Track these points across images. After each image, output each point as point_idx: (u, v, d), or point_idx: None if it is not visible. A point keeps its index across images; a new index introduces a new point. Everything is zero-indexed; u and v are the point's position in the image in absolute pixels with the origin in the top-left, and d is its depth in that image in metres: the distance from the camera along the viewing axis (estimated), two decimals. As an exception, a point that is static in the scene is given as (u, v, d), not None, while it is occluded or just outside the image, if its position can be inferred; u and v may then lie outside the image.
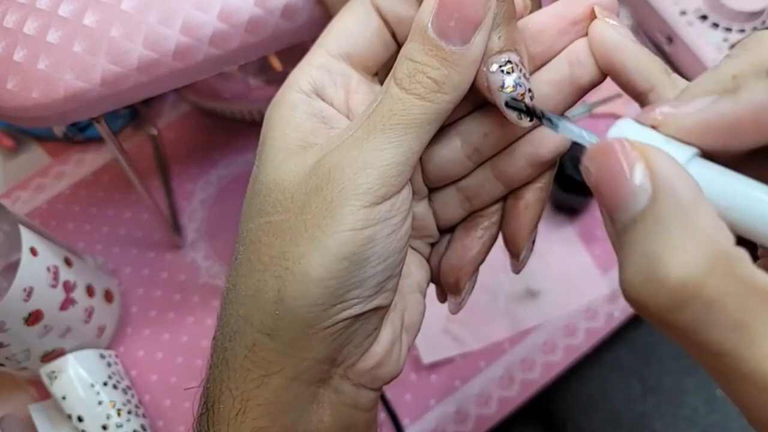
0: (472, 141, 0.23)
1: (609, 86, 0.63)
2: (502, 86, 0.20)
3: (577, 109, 0.59)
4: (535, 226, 0.24)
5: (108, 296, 0.50)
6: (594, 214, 0.54)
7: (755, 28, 0.57)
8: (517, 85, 0.20)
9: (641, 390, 0.55)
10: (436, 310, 0.51)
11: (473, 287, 0.26)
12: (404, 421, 0.48)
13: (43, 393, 0.49)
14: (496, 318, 0.51)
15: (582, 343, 0.50)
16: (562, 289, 0.52)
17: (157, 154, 0.59)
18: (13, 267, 0.40)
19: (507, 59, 0.20)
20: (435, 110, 0.20)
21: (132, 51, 0.33)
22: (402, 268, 0.23)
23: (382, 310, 0.23)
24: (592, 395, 0.56)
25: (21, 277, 0.40)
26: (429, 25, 0.20)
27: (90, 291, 0.47)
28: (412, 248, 0.27)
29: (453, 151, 0.24)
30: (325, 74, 0.23)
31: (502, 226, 0.26)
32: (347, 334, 0.22)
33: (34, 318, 0.41)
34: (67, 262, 0.45)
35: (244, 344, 0.22)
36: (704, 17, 0.58)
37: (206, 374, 0.24)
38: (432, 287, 0.28)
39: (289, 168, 0.22)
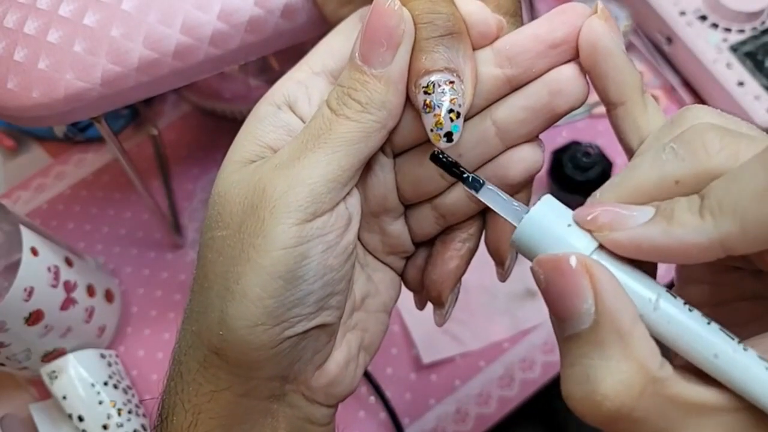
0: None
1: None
2: (425, 107, 0.21)
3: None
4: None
5: (108, 296, 0.50)
6: (593, 214, 0.54)
7: (754, 29, 0.57)
8: (435, 105, 0.21)
9: None
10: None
11: (456, 298, 0.27)
12: (404, 421, 0.48)
13: (43, 393, 0.49)
14: (496, 318, 0.51)
15: (581, 342, 0.50)
16: (561, 289, 0.52)
17: (158, 154, 0.59)
18: (13, 267, 0.40)
19: (431, 80, 0.21)
20: (361, 129, 0.21)
21: (132, 51, 0.33)
22: (348, 285, 0.23)
23: (328, 328, 0.23)
24: None
25: (22, 277, 0.40)
26: (356, 53, 0.21)
27: (90, 291, 0.47)
28: (385, 264, 0.27)
29: (427, 169, 0.24)
30: (302, 89, 0.23)
31: (485, 236, 0.26)
32: (295, 353, 0.22)
33: (34, 318, 0.42)
34: (68, 262, 0.45)
35: (196, 359, 0.23)
36: (703, 17, 0.58)
37: (163, 386, 0.25)
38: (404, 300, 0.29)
39: (234, 181, 0.22)
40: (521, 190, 0.24)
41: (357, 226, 0.23)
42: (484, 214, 0.25)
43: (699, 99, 0.59)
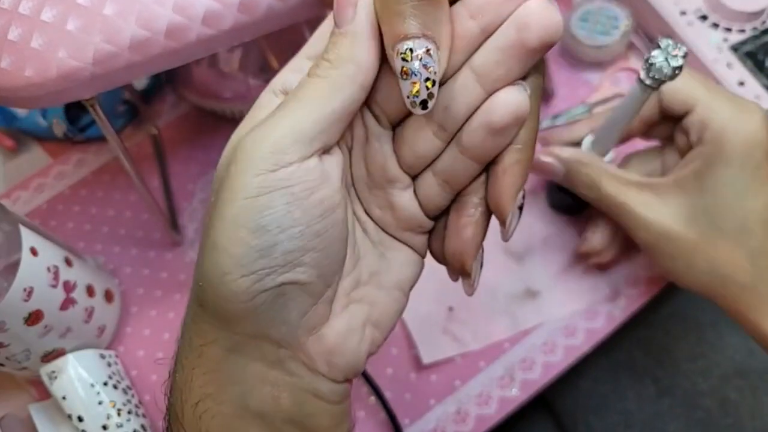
0: (435, 117, 0.24)
1: (609, 86, 0.63)
2: (402, 73, 0.21)
3: (577, 109, 0.59)
4: (518, 190, 0.24)
5: (108, 296, 0.50)
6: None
7: (755, 28, 0.57)
8: (413, 73, 0.21)
9: (655, 391, 0.55)
10: (435, 310, 0.52)
11: (482, 265, 0.27)
12: (404, 421, 0.48)
13: (43, 393, 0.49)
14: (496, 318, 0.51)
15: (582, 343, 0.50)
16: (561, 289, 0.52)
17: (158, 154, 0.59)
18: (13, 267, 0.40)
19: (408, 46, 0.21)
20: (329, 84, 0.22)
21: (124, 30, 0.33)
22: (329, 247, 0.23)
23: (307, 287, 0.23)
24: (605, 395, 0.56)
25: (21, 277, 0.40)
26: (334, 20, 0.23)
27: (90, 291, 0.47)
28: (401, 242, 0.27)
29: (420, 129, 0.24)
30: (297, 75, 0.24)
31: (488, 192, 0.25)
32: (273, 311, 0.23)
33: (34, 318, 0.41)
34: (68, 262, 0.45)
35: (190, 316, 0.24)
36: (704, 17, 0.58)
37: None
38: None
39: (228, 155, 0.24)
40: (520, 133, 0.24)
41: (336, 186, 0.23)
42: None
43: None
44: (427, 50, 0.21)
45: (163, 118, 0.61)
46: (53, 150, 0.60)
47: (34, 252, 0.41)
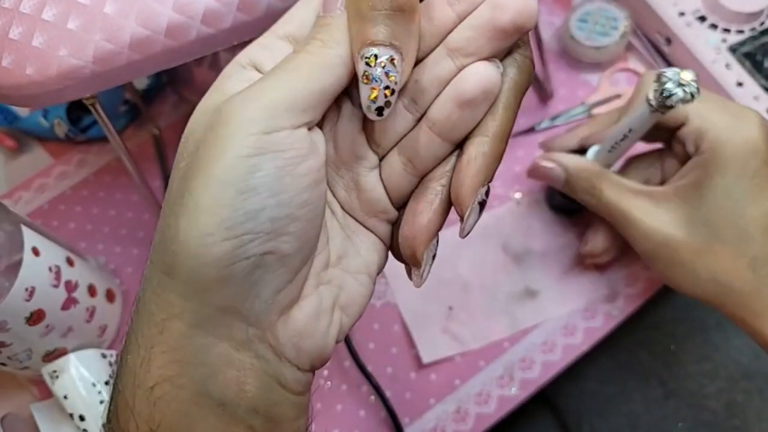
0: (406, 91, 0.24)
1: (608, 87, 0.63)
2: (363, 77, 0.22)
3: (576, 109, 0.59)
4: (481, 183, 0.24)
5: (110, 296, 0.50)
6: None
7: (753, 29, 0.57)
8: (374, 79, 0.22)
9: (661, 393, 0.55)
10: (435, 309, 0.52)
11: (434, 257, 0.26)
12: (404, 420, 0.48)
13: (44, 392, 0.49)
14: (496, 317, 0.51)
15: (581, 342, 0.50)
16: (561, 289, 0.52)
17: (159, 154, 0.59)
18: (15, 267, 0.40)
19: (373, 52, 0.21)
20: (321, 61, 0.22)
21: (125, 28, 0.33)
22: (313, 220, 0.23)
23: (286, 259, 0.22)
24: (610, 397, 0.56)
25: (23, 277, 0.40)
26: (319, 10, 0.23)
27: (92, 291, 0.47)
28: (367, 228, 0.27)
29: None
30: (266, 51, 0.24)
31: (451, 183, 0.25)
32: (249, 283, 0.22)
33: (35, 318, 0.42)
34: (69, 262, 0.45)
35: (150, 288, 0.23)
36: (703, 18, 0.58)
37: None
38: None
39: (199, 120, 0.23)
40: (488, 119, 0.24)
41: (322, 159, 0.23)
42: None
43: (698, 99, 0.59)
44: (392, 59, 0.21)
45: (164, 119, 0.61)
46: (55, 150, 0.61)
47: (35, 252, 0.42)
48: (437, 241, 0.25)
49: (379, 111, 0.22)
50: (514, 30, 0.22)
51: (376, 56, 0.21)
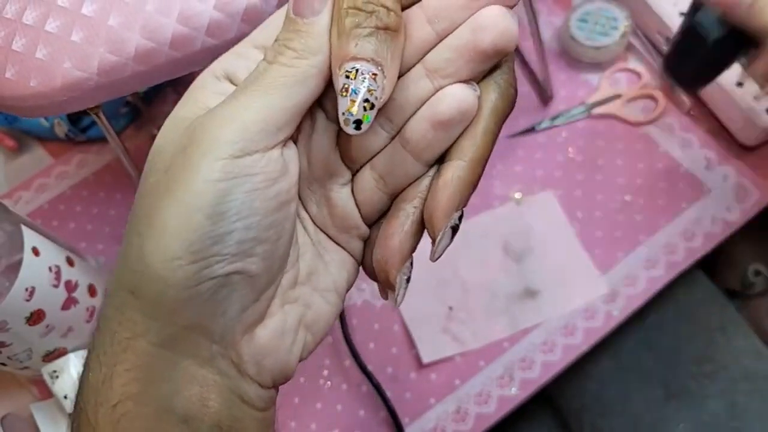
0: (382, 109, 0.23)
1: (608, 87, 0.63)
2: (342, 90, 0.21)
3: (576, 109, 0.59)
4: (455, 207, 0.23)
5: (109, 296, 0.50)
6: (593, 214, 0.54)
7: (754, 29, 0.57)
8: (353, 91, 0.21)
9: (663, 394, 0.55)
10: (435, 309, 0.52)
11: (408, 280, 0.25)
12: (404, 420, 0.48)
13: (44, 392, 0.49)
14: (496, 317, 0.51)
15: (581, 342, 0.50)
16: (561, 289, 0.52)
17: (158, 155, 0.59)
18: (15, 267, 0.40)
19: (355, 66, 0.21)
20: (297, 73, 0.22)
21: (129, 40, 0.33)
22: (279, 240, 0.23)
23: (253, 280, 0.22)
24: (612, 398, 0.56)
25: (23, 277, 0.40)
26: (290, 9, 0.22)
27: (92, 291, 0.47)
28: (339, 245, 0.26)
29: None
30: (241, 61, 0.24)
31: (425, 205, 0.25)
32: (215, 301, 0.22)
33: (36, 318, 0.42)
34: (69, 262, 0.45)
35: (114, 305, 0.22)
36: (703, 18, 0.58)
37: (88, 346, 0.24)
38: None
39: (170, 132, 0.23)
40: (467, 147, 0.23)
41: (294, 179, 0.23)
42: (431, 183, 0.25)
43: (698, 99, 0.59)
44: (374, 75, 0.21)
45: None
46: (55, 150, 0.61)
47: (35, 252, 0.42)
48: (411, 263, 0.25)
49: (358, 125, 0.21)
50: (494, 53, 0.22)
51: (357, 70, 0.21)
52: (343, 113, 0.21)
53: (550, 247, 0.53)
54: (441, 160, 0.24)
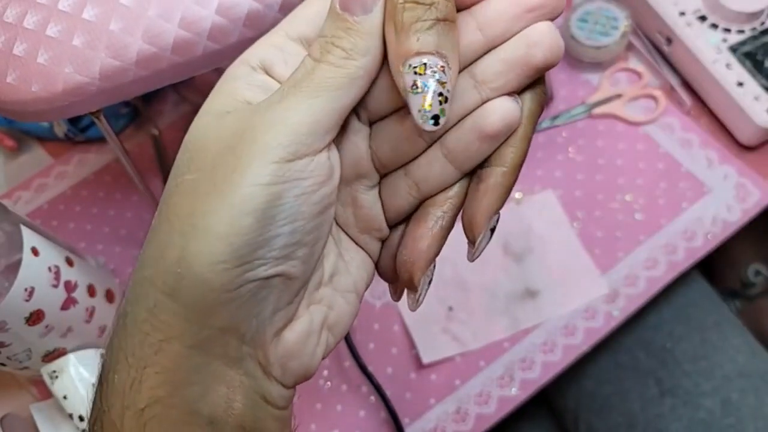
0: None
1: (609, 87, 0.63)
2: (413, 87, 0.21)
3: (577, 109, 0.59)
4: (495, 211, 0.24)
5: (109, 296, 0.50)
6: (593, 214, 0.54)
7: (754, 29, 0.57)
8: (424, 86, 0.21)
9: (658, 392, 0.55)
10: (435, 309, 0.52)
11: (430, 283, 0.26)
12: (404, 420, 0.48)
13: (44, 392, 0.49)
14: (496, 317, 0.51)
15: (581, 342, 0.50)
16: (561, 289, 0.52)
17: (159, 154, 0.59)
18: (14, 267, 0.40)
19: (423, 61, 0.21)
20: (345, 74, 0.21)
21: (131, 45, 0.33)
22: (316, 242, 0.23)
23: (291, 282, 0.22)
24: (608, 396, 0.56)
25: (22, 277, 0.40)
26: (336, 3, 0.22)
27: (91, 291, 0.47)
28: (359, 245, 0.26)
29: (405, 128, 0.24)
30: (278, 53, 0.23)
31: (463, 208, 0.25)
32: (252, 304, 0.22)
33: (35, 318, 0.42)
34: (69, 262, 0.45)
35: (145, 307, 0.22)
36: (703, 18, 0.58)
37: (106, 344, 0.23)
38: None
39: (211, 127, 0.22)
40: (508, 154, 0.24)
41: (336, 183, 0.23)
42: (461, 189, 0.25)
43: (698, 99, 0.59)
44: (441, 67, 0.21)
45: (164, 119, 0.61)
46: (54, 150, 0.61)
47: (35, 252, 0.42)
48: (434, 266, 0.25)
49: (436, 120, 0.21)
50: (544, 67, 0.22)
51: (426, 65, 0.21)
52: (419, 110, 0.21)
53: (550, 247, 0.53)
54: (479, 166, 0.24)
